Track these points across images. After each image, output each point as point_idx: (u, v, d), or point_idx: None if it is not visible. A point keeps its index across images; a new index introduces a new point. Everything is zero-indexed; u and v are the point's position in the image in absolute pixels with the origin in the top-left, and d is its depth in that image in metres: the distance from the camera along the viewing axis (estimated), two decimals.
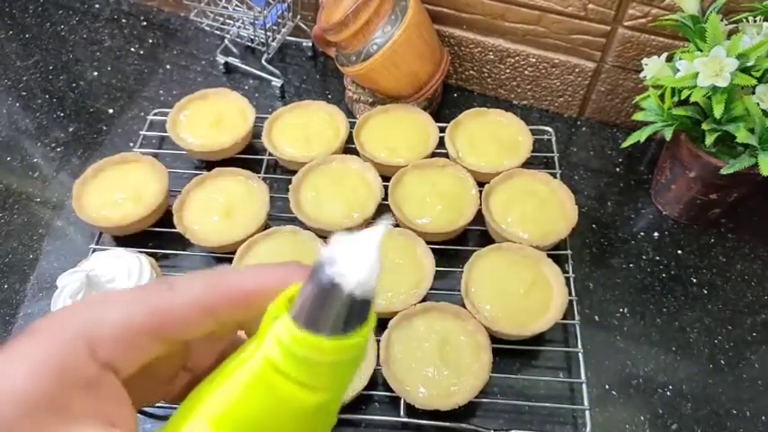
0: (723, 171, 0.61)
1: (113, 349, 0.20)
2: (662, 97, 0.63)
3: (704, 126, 0.61)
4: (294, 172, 0.74)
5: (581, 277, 0.69)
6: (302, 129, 0.79)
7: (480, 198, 0.70)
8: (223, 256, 0.70)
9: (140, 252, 0.66)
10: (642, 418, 0.60)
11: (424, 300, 0.63)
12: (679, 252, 0.72)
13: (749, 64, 0.57)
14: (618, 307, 0.68)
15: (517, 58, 0.83)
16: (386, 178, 0.73)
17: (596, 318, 0.67)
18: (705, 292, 0.69)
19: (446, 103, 0.89)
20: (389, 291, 0.64)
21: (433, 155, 0.77)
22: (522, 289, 0.63)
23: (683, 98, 0.60)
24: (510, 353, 0.63)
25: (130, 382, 0.21)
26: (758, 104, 0.57)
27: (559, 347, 0.64)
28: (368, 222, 0.71)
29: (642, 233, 0.74)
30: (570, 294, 0.64)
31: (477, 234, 0.73)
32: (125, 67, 0.95)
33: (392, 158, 0.76)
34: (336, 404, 0.22)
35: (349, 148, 0.78)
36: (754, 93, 0.58)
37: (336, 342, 0.19)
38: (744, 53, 0.57)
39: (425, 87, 0.79)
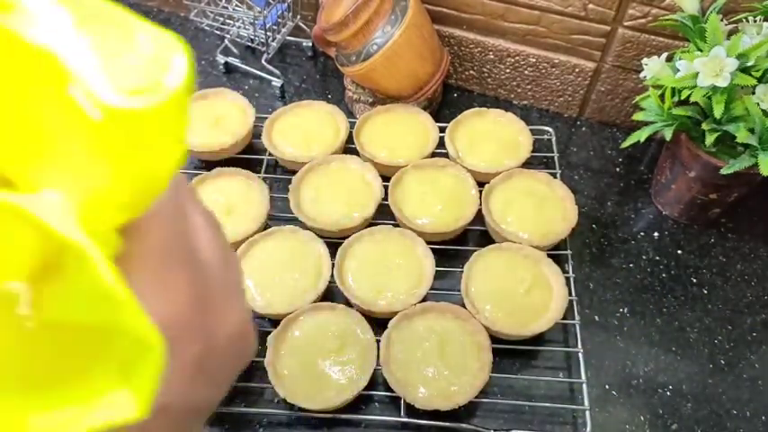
0: (723, 171, 0.61)
1: None
2: (662, 97, 0.63)
3: (704, 126, 0.61)
4: (294, 172, 0.74)
5: (581, 277, 0.69)
6: (302, 129, 0.79)
7: (480, 198, 0.70)
8: None
9: None
10: (642, 418, 0.60)
11: (424, 300, 0.63)
12: (679, 252, 0.72)
13: (749, 64, 0.57)
14: (618, 307, 0.68)
15: (517, 58, 0.83)
16: (386, 178, 0.73)
17: (596, 318, 0.67)
18: (705, 292, 0.69)
19: (446, 103, 0.89)
20: (389, 291, 0.64)
21: (433, 155, 0.77)
22: (522, 289, 0.63)
23: (683, 98, 0.60)
24: (510, 353, 0.63)
25: None
26: (758, 104, 0.57)
27: (559, 347, 0.64)
28: (368, 222, 0.71)
29: (642, 233, 0.74)
30: (570, 294, 0.64)
31: (477, 234, 0.73)
32: None
33: (392, 158, 0.76)
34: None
35: (349, 148, 0.78)
36: (754, 93, 0.58)
37: None
38: (744, 53, 0.57)
39: (425, 87, 0.79)
